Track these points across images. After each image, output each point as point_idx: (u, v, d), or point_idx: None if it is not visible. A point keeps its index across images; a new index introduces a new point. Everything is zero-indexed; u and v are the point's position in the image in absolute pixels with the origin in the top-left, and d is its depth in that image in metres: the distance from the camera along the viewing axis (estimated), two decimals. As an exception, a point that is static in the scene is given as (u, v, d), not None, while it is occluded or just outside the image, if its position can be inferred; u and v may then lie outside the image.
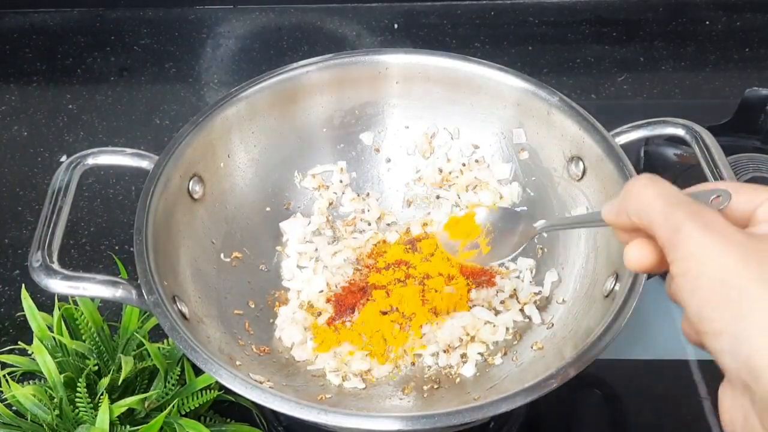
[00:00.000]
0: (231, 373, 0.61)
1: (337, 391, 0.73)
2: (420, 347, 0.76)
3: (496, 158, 0.87)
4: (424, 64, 0.86)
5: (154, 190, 0.72)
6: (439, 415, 0.58)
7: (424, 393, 0.73)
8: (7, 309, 0.90)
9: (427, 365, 0.76)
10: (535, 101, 0.82)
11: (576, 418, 0.81)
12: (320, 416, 0.59)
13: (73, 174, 0.73)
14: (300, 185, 0.88)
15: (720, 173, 0.72)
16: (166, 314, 0.64)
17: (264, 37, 1.26)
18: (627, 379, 0.83)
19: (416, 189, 0.90)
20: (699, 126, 0.77)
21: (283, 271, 0.84)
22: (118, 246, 0.96)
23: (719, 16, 1.28)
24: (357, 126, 0.89)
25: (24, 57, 1.23)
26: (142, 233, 0.69)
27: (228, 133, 0.81)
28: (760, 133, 1.02)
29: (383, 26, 1.27)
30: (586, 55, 1.22)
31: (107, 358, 0.73)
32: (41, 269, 0.65)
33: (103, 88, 1.18)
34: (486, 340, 0.77)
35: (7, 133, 1.11)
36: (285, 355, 0.77)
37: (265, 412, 0.76)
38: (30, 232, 0.97)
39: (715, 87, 1.17)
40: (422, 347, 0.76)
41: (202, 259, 0.77)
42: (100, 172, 1.04)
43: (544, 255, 0.82)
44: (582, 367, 0.61)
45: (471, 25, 1.28)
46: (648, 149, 0.96)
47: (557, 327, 0.75)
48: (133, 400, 0.68)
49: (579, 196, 0.80)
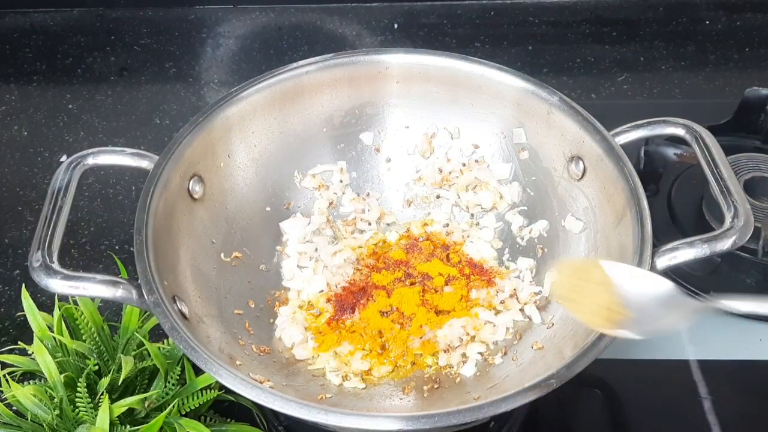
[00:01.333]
0: (231, 372, 0.61)
1: (337, 390, 0.73)
2: (429, 350, 0.76)
3: (496, 158, 0.87)
4: (424, 64, 0.86)
5: (154, 190, 0.72)
6: (439, 415, 0.58)
7: (424, 393, 0.73)
8: (7, 309, 0.90)
9: (427, 365, 0.76)
10: (535, 101, 0.82)
11: (576, 418, 0.81)
12: (320, 416, 0.59)
13: (73, 174, 0.73)
14: (300, 185, 0.88)
15: (720, 173, 0.72)
16: (166, 314, 0.64)
17: (264, 37, 1.26)
18: (627, 379, 0.83)
19: (416, 189, 0.90)
20: (699, 126, 0.77)
21: (283, 271, 0.84)
22: (118, 246, 0.96)
23: (719, 16, 1.28)
24: (357, 126, 0.89)
25: (24, 57, 1.23)
26: (142, 233, 0.69)
27: (228, 133, 0.81)
28: (760, 133, 1.02)
29: (383, 26, 1.27)
30: (586, 55, 1.22)
31: (107, 358, 0.73)
32: (41, 269, 0.65)
33: (103, 88, 1.18)
34: (486, 340, 0.77)
35: (7, 133, 1.11)
36: (285, 354, 0.77)
37: (265, 411, 0.76)
38: (30, 232, 0.97)
39: (715, 87, 1.17)
40: (432, 348, 0.76)
41: (202, 259, 0.77)
42: (100, 172, 1.04)
43: (544, 255, 0.82)
44: (582, 367, 0.61)
45: (471, 25, 1.28)
46: (648, 149, 0.96)
47: (557, 327, 0.75)
48: (133, 400, 0.68)
49: (579, 196, 0.80)
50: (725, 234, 0.67)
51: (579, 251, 0.78)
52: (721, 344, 0.85)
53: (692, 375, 0.83)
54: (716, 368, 0.83)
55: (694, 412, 0.80)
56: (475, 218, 0.87)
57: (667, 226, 0.92)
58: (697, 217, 0.93)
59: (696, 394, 0.81)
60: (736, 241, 0.67)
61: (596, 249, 0.76)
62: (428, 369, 0.76)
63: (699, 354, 0.84)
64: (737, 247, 0.67)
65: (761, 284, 0.87)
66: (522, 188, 0.86)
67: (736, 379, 0.83)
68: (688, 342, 0.85)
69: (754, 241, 0.83)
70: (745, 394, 0.82)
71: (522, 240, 0.84)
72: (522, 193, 0.86)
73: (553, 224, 0.82)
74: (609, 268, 0.60)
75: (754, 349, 0.85)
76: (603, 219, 0.76)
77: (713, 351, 0.85)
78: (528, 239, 0.84)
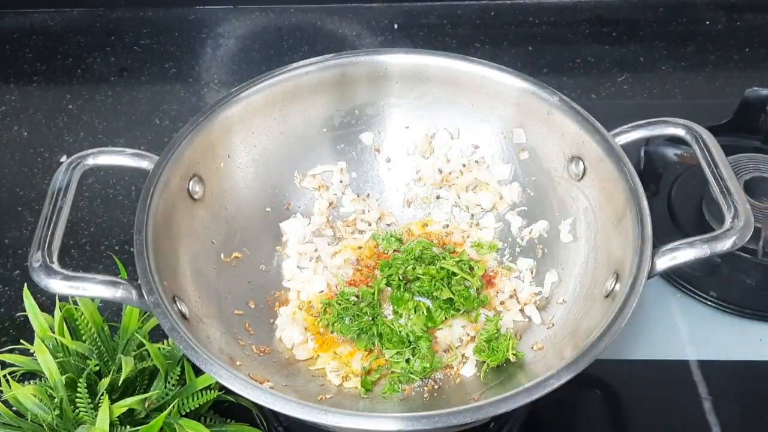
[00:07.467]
0: (231, 373, 0.61)
1: (337, 391, 0.73)
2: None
3: (496, 158, 0.87)
4: (424, 64, 0.86)
5: (154, 191, 0.72)
6: (439, 416, 0.58)
7: (424, 393, 0.73)
8: (8, 309, 0.90)
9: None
10: (535, 101, 0.82)
11: (576, 418, 0.81)
12: (320, 416, 0.59)
13: (73, 174, 0.73)
14: (300, 185, 0.88)
15: (720, 173, 0.72)
16: (166, 314, 0.64)
17: (264, 37, 1.26)
18: (627, 379, 0.83)
19: (416, 189, 0.90)
20: (699, 126, 0.77)
21: (283, 272, 0.84)
22: (118, 246, 0.96)
23: (719, 16, 1.28)
24: (357, 126, 0.89)
25: (24, 57, 1.23)
26: (142, 233, 0.69)
27: (228, 133, 0.81)
28: (760, 133, 1.02)
29: (383, 26, 1.27)
30: (586, 55, 1.22)
31: (107, 358, 0.73)
32: (41, 269, 0.65)
33: (103, 88, 1.18)
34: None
35: (7, 133, 1.11)
36: (285, 355, 0.77)
37: (265, 412, 0.76)
38: (30, 232, 0.97)
39: (715, 87, 1.17)
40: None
41: (202, 260, 0.77)
42: (100, 172, 1.04)
43: (544, 255, 0.82)
44: (582, 368, 0.61)
45: (471, 25, 1.28)
46: (648, 149, 0.96)
47: (557, 327, 0.75)
48: (133, 400, 0.68)
49: (579, 196, 0.80)
50: (725, 234, 0.67)
51: (579, 251, 0.78)
52: (721, 344, 0.85)
53: (692, 375, 0.83)
54: (716, 368, 0.83)
55: (694, 412, 0.80)
56: (475, 219, 0.87)
57: (667, 227, 0.92)
58: (698, 218, 0.93)
59: (696, 395, 0.81)
60: (737, 242, 0.67)
61: (596, 249, 0.76)
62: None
63: (699, 354, 0.84)
64: (737, 247, 0.67)
65: (761, 284, 0.87)
66: (522, 189, 0.86)
67: (736, 379, 0.83)
68: (688, 342, 0.85)
69: (754, 241, 0.83)
70: (745, 395, 0.82)
71: (522, 240, 0.84)
72: (522, 193, 0.86)
73: (553, 225, 0.82)
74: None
75: (754, 349, 0.85)
76: (603, 219, 0.76)
77: (713, 351, 0.85)
78: (528, 240, 0.84)
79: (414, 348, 0.75)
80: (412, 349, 0.75)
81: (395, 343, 0.75)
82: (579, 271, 0.77)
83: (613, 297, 0.68)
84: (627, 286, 0.65)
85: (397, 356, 0.75)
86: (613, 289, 0.69)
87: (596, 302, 0.71)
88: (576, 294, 0.76)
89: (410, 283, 0.79)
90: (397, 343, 0.75)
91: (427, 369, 0.73)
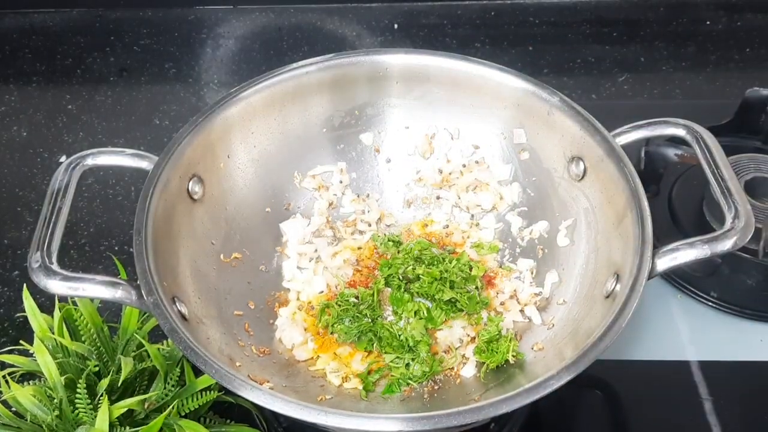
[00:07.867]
0: (231, 374, 0.61)
1: (337, 391, 0.73)
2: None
3: (496, 159, 0.87)
4: (424, 64, 0.85)
5: (154, 191, 0.72)
6: (439, 416, 0.58)
7: (424, 394, 0.73)
8: (7, 309, 0.89)
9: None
10: (536, 101, 0.82)
11: (576, 418, 0.81)
12: (320, 417, 0.58)
13: (73, 174, 0.73)
14: (300, 186, 0.88)
15: (721, 174, 0.72)
16: (166, 315, 0.63)
17: (264, 38, 1.26)
18: (627, 380, 0.83)
19: (416, 190, 0.90)
20: (700, 126, 0.77)
21: (283, 272, 0.84)
22: (117, 246, 0.96)
23: (719, 16, 1.28)
24: (357, 126, 0.89)
25: (24, 57, 1.23)
26: (142, 234, 0.68)
27: (228, 134, 0.81)
28: (760, 134, 1.02)
29: (383, 26, 1.27)
30: (586, 55, 1.22)
31: (107, 359, 0.73)
32: (40, 270, 0.65)
33: (103, 88, 1.18)
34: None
35: (7, 134, 1.11)
36: (285, 355, 0.77)
37: (265, 413, 0.76)
38: (29, 232, 0.97)
39: (716, 87, 1.17)
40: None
41: (201, 260, 0.77)
42: (100, 172, 1.04)
43: (544, 255, 0.82)
44: (583, 368, 0.61)
45: (471, 25, 1.28)
46: (649, 149, 0.96)
47: (558, 328, 0.75)
48: (132, 401, 0.67)
49: (579, 197, 0.79)
50: (726, 235, 0.67)
51: (579, 252, 0.78)
52: (721, 345, 0.85)
53: (692, 376, 0.83)
54: (716, 369, 0.83)
55: (694, 412, 0.80)
56: (475, 219, 0.87)
57: (667, 227, 0.92)
58: (698, 218, 0.92)
59: (696, 395, 0.81)
60: (737, 242, 0.67)
61: (597, 250, 0.76)
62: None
63: (699, 355, 0.84)
64: (738, 247, 0.67)
65: (762, 285, 0.87)
66: (522, 189, 0.86)
67: (736, 379, 0.83)
68: (688, 342, 0.85)
69: (754, 241, 0.83)
70: (746, 395, 0.82)
71: (522, 241, 0.84)
72: (522, 193, 0.86)
73: (554, 225, 0.82)
74: None
75: (754, 350, 0.85)
76: (604, 220, 0.76)
77: (713, 351, 0.84)
78: (528, 240, 0.84)
79: (413, 353, 0.75)
80: (411, 353, 0.74)
81: (395, 348, 0.75)
82: (579, 271, 0.77)
83: (613, 297, 0.68)
84: (627, 286, 0.65)
85: (397, 361, 0.74)
86: (613, 290, 0.69)
87: (596, 303, 0.71)
88: (576, 294, 0.76)
89: (410, 284, 0.79)
90: (397, 347, 0.75)
91: (426, 373, 0.73)
